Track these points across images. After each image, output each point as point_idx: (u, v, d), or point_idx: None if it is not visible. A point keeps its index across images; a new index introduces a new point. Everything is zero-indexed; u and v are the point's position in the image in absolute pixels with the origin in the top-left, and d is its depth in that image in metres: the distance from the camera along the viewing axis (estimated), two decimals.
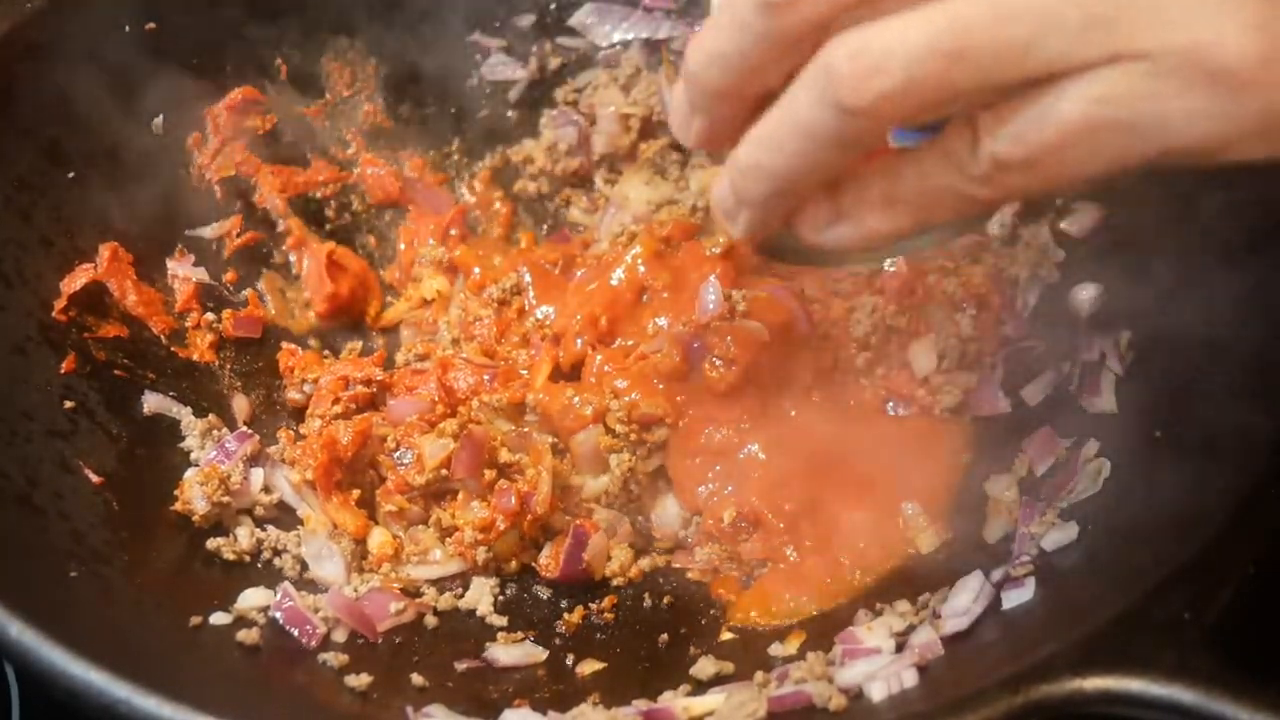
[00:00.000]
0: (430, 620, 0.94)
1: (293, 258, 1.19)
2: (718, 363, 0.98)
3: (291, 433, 1.05)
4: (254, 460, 1.00)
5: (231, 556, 0.94)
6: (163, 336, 1.07)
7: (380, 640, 0.91)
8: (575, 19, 1.29)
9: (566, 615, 0.96)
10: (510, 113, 1.30)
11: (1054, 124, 0.55)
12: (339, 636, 0.90)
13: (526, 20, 1.29)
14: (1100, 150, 0.55)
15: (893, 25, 0.54)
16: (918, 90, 0.54)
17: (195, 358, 1.08)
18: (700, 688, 0.86)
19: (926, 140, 0.60)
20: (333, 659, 0.86)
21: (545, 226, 1.27)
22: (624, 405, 0.98)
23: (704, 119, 0.64)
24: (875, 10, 0.55)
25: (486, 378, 1.04)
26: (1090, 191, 1.04)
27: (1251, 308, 0.85)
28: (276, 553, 0.96)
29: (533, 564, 0.99)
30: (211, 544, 0.94)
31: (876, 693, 0.78)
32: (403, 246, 1.23)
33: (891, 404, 1.02)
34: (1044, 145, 0.55)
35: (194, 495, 0.95)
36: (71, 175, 1.05)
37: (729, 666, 0.88)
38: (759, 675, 0.85)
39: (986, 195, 0.59)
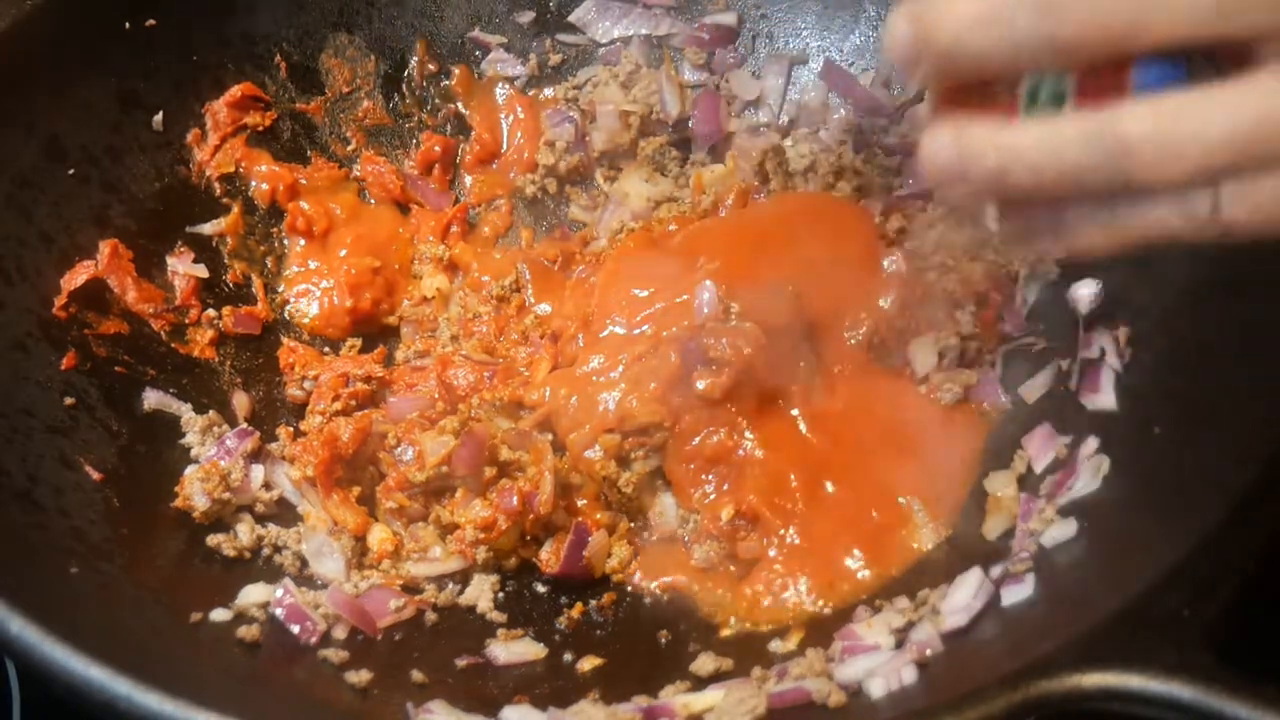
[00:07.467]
0: (430, 617, 0.94)
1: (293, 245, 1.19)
2: (706, 373, 0.98)
3: (292, 429, 1.05)
4: (254, 457, 1.00)
5: (232, 553, 0.94)
6: (163, 333, 1.07)
7: (380, 637, 0.91)
8: (575, 15, 1.29)
9: (567, 611, 0.97)
10: None
11: None
12: (339, 633, 0.90)
13: (526, 16, 1.29)
14: None
15: None
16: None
17: (195, 354, 1.09)
18: (700, 684, 0.86)
19: (1171, 80, 0.60)
20: (333, 655, 0.87)
21: (545, 224, 1.27)
22: (620, 414, 0.98)
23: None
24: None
25: (487, 375, 1.04)
26: None
27: (1252, 304, 0.85)
28: (277, 549, 0.96)
29: (533, 560, 0.99)
30: (212, 540, 0.94)
31: (876, 689, 0.78)
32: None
33: (893, 399, 1.02)
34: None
35: (194, 492, 0.95)
36: (72, 172, 1.05)
37: (728, 663, 0.88)
38: (758, 671, 0.85)
39: (1208, 240, 0.62)
